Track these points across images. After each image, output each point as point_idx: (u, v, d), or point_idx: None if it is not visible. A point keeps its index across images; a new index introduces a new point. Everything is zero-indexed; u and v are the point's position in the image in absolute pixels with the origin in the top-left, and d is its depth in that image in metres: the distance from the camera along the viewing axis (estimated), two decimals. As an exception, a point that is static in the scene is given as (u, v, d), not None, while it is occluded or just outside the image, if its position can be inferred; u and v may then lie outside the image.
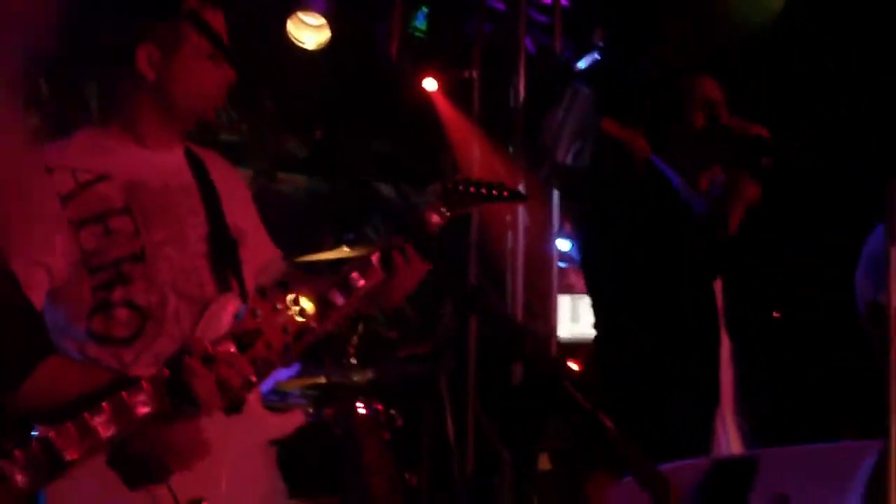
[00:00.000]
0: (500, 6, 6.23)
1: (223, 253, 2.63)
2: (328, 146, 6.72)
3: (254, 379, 2.28)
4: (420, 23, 6.15)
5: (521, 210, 5.82)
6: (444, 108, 6.11)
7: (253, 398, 2.52)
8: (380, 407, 4.53)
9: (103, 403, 2.14)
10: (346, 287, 2.58)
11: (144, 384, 2.19)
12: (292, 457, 2.85)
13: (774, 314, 3.50)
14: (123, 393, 2.16)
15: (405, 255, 2.62)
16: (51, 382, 2.29)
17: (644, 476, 1.81)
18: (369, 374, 4.93)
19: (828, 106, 6.35)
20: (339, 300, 2.56)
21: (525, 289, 5.87)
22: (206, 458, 2.42)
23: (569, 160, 5.73)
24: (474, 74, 6.02)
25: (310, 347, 2.68)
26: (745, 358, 3.38)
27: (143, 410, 2.18)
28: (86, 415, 2.10)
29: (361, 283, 2.60)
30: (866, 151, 5.89)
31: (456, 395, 5.52)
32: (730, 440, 3.30)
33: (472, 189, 2.81)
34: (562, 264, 6.49)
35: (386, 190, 6.87)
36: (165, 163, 2.66)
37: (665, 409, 3.24)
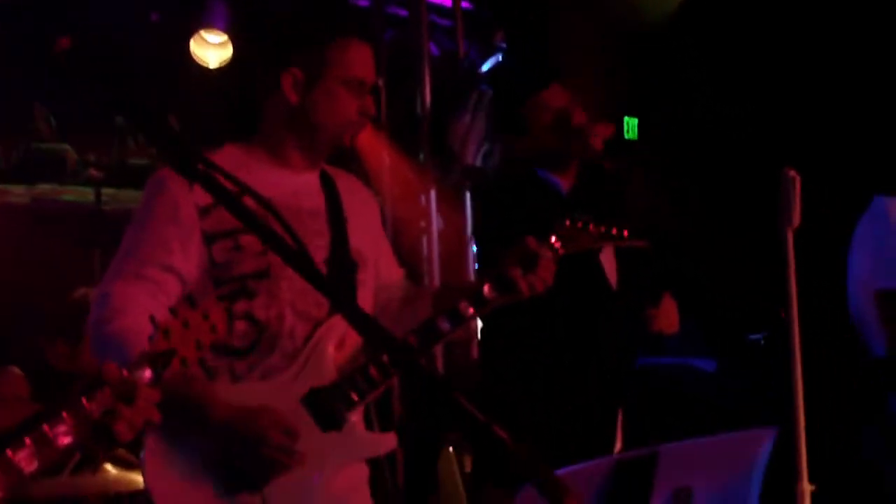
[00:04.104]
0: (402, 12, 6.25)
1: (341, 275, 2.69)
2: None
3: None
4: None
5: (434, 215, 5.85)
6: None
7: (356, 418, 2.59)
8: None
9: (25, 438, 2.13)
10: (456, 317, 2.67)
11: (65, 415, 2.17)
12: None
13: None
14: (45, 426, 2.15)
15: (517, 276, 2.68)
16: None
17: (543, 484, 1.84)
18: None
19: (723, 95, 6.48)
20: (445, 327, 2.65)
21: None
22: (300, 471, 2.48)
23: (478, 162, 5.78)
24: (379, 82, 6.03)
25: None
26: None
27: (66, 441, 2.17)
28: (8, 451, 2.09)
29: (471, 311, 2.68)
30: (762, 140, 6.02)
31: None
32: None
33: (591, 228, 2.85)
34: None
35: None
36: (300, 185, 2.71)
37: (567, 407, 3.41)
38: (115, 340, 2.44)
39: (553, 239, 2.76)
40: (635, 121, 7.22)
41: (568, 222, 2.80)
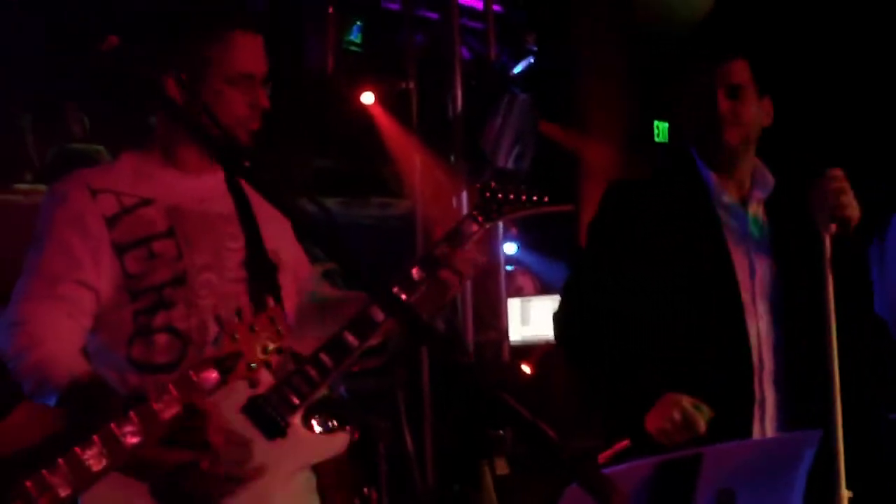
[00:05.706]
0: (433, 15, 6.25)
1: (261, 278, 2.58)
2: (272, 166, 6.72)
3: None
4: (355, 36, 6.15)
5: (465, 217, 5.84)
6: (383, 120, 6.11)
7: (296, 421, 2.48)
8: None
9: (94, 437, 2.12)
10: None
11: (132, 415, 2.16)
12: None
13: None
14: (112, 424, 2.14)
15: (447, 263, 2.59)
16: (27, 425, 2.27)
17: (588, 482, 1.82)
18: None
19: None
20: (379, 316, 2.51)
21: (474, 296, 5.90)
22: (253, 484, 2.37)
23: (510, 165, 5.77)
24: (411, 85, 6.04)
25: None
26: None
27: (133, 441, 2.15)
28: (76, 449, 2.08)
29: (403, 296, 2.54)
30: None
31: (411, 407, 5.53)
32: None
33: (511, 196, 2.76)
34: (509, 268, 6.53)
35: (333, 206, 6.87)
36: (206, 188, 2.59)
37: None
38: (38, 371, 2.32)
39: (474, 212, 2.67)
40: (665, 125, 7.19)
41: (488, 194, 2.70)
